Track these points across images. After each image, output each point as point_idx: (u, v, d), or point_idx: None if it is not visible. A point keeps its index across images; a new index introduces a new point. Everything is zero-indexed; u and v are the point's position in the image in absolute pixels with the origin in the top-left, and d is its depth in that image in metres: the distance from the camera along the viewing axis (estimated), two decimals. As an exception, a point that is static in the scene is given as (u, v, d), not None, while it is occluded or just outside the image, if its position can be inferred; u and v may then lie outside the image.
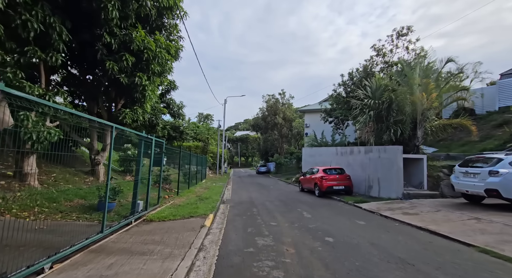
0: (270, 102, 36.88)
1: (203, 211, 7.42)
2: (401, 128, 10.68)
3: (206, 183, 17.64)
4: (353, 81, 24.94)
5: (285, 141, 38.34)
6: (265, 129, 37.34)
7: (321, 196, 11.96)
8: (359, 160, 12.54)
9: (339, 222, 6.68)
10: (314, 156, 20.02)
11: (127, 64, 7.11)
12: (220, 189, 13.97)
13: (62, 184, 7.03)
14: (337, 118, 25.88)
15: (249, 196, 12.61)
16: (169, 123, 22.75)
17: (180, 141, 23.79)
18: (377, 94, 12.23)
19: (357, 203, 9.43)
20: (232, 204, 9.96)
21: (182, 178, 15.07)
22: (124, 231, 5.00)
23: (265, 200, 11.09)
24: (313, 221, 6.75)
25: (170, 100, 12.09)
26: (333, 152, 16.02)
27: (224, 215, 7.73)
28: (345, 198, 10.71)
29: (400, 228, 6.06)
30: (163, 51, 7.85)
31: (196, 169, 16.05)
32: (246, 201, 10.80)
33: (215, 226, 6.24)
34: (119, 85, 7.94)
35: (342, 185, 11.77)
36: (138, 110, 8.43)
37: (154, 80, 8.41)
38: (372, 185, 11.23)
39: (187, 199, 9.68)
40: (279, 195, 13.02)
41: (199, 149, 26.85)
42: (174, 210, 7.36)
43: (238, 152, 79.59)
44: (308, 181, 13.53)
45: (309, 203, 10.06)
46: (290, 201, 10.61)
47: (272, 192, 14.42)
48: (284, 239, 5.10)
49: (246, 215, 7.65)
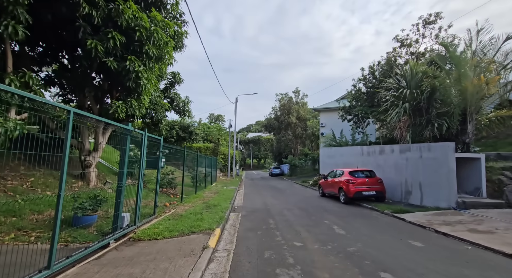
0: (283, 101, 35.27)
1: (208, 224, 5.97)
2: (447, 122, 8.79)
3: (216, 187, 16.28)
4: (374, 76, 23.02)
5: (299, 142, 36.53)
6: (278, 129, 35.71)
7: (347, 203, 10.24)
8: (391, 160, 10.71)
9: (387, 243, 5.01)
10: (333, 157, 18.21)
11: (114, 44, 5.83)
12: (230, 194, 12.54)
13: (39, 190, 5.82)
14: (357, 115, 23.91)
15: (263, 202, 11.08)
16: (178, 123, 21.72)
17: (190, 142, 22.70)
18: (413, 83, 10.38)
19: (397, 214, 7.67)
20: (244, 212, 8.48)
21: (190, 181, 13.83)
22: (94, 260, 3.61)
23: (283, 207, 9.52)
24: (350, 241, 5.12)
25: (174, 95, 10.86)
26: (357, 152, 14.20)
27: (234, 229, 6.24)
28: (379, 206, 8.95)
29: (480, 255, 4.32)
30: (160, 31, 6.53)
31: (205, 171, 14.72)
32: (260, 208, 9.28)
33: (222, 247, 4.76)
34: (109, 72, 6.69)
35: (373, 190, 9.99)
36: (133, 102, 7.15)
37: (151, 67, 7.11)
38: (411, 191, 9.39)
39: (191, 207, 8.29)
40: (298, 201, 11.40)
41: (210, 150, 25.65)
42: (173, 222, 5.96)
43: (250, 154, 78.30)
44: (331, 185, 11.83)
45: (336, 213, 8.39)
46: (312, 209, 8.98)
47: (289, 197, 12.81)
48: (319, 274, 3.54)
49: (261, 229, 6.13)
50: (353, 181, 10.14)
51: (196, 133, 21.91)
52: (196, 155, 11.84)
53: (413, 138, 10.08)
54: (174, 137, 20.82)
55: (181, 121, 12.51)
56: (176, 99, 10.95)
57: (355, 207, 9.52)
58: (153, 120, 10.30)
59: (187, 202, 9.30)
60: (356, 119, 24.51)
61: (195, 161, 11.87)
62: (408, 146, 9.65)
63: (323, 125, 34.85)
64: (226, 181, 22.16)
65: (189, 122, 22.00)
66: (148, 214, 6.39)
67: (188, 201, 9.43)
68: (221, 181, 21.55)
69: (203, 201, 9.88)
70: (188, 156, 12.22)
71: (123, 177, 4.51)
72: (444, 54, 10.83)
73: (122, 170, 4.53)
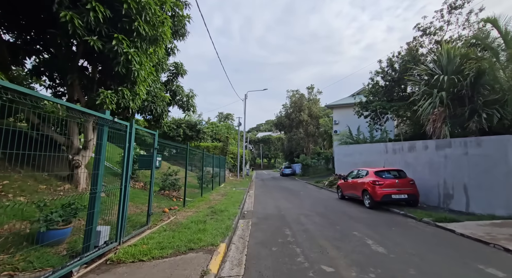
0: (294, 97, 33.90)
1: (212, 237, 4.85)
2: (499, 112, 7.29)
3: (224, 188, 15.22)
4: (393, 68, 21.37)
5: (311, 141, 35.04)
6: (289, 127, 34.35)
7: (373, 207, 8.89)
8: (425, 158, 9.26)
9: (450, 270, 3.71)
10: (351, 155, 16.77)
11: (96, 18, 4.80)
12: (240, 196, 11.42)
13: (11, 195, 4.89)
14: (374, 111, 22.28)
15: (276, 205, 9.89)
16: (184, 121, 20.88)
17: (197, 141, 21.82)
18: (451, 69, 8.89)
19: (441, 223, 6.29)
20: (255, 219, 7.32)
21: (197, 182, 12.83)
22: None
23: (299, 212, 8.29)
24: (397, 264, 3.86)
25: (177, 88, 9.83)
26: (379, 150, 12.76)
27: (244, 242, 5.09)
28: (414, 213, 7.58)
29: None
30: (152, 4, 5.47)
31: (213, 171, 13.68)
32: (273, 214, 8.09)
33: (227, 273, 3.61)
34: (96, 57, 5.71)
35: (404, 193, 8.60)
36: (126, 92, 6.12)
37: (145, 50, 6.07)
38: (453, 194, 7.94)
39: (195, 213, 7.22)
40: (315, 204, 10.13)
41: (218, 149, 24.67)
42: (168, 235, 4.87)
43: (260, 154, 77.20)
44: (352, 187, 10.48)
45: (364, 220, 7.08)
46: (334, 216, 7.71)
47: (305, 200, 11.55)
48: None
49: (276, 244, 4.95)
50: (380, 183, 8.78)
51: (204, 131, 20.97)
52: (202, 154, 10.79)
53: (452, 132, 8.61)
54: (181, 135, 19.96)
55: (186, 117, 11.42)
56: (179, 92, 9.92)
57: (384, 213, 8.17)
58: (154, 116, 9.32)
59: (191, 206, 8.24)
60: (374, 115, 22.89)
61: (201, 161, 10.82)
62: (447, 142, 8.19)
63: (337, 122, 33.22)
64: (236, 181, 21.09)
65: (196, 120, 21.10)
66: (140, 223, 5.35)
67: (191, 206, 8.37)
68: (230, 181, 20.51)
69: (209, 205, 8.80)
70: (194, 155, 11.20)
71: (97, 180, 3.45)
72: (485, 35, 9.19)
73: (97, 171, 3.47)
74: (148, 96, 7.80)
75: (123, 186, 4.20)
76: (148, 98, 7.75)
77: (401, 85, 21.22)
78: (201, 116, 21.05)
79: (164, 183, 9.44)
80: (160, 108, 8.10)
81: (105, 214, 4.66)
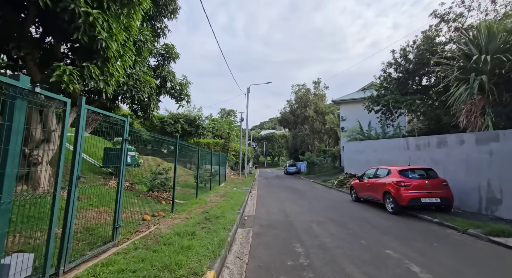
0: (299, 92, 32.39)
1: (197, 260, 3.54)
2: None
3: (224, 188, 13.93)
4: (406, 59, 19.83)
5: (316, 138, 33.56)
6: (294, 123, 32.89)
7: (397, 212, 7.51)
8: (460, 155, 7.80)
9: None
10: (363, 152, 15.31)
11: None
12: (240, 198, 10.11)
13: None
14: (386, 105, 20.75)
15: (281, 209, 8.55)
16: (182, 116, 19.61)
17: (197, 137, 20.55)
18: (493, 47, 7.39)
19: (496, 237, 4.88)
20: (257, 228, 5.99)
21: (193, 181, 11.52)
22: None
23: (310, 218, 6.94)
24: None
25: (168, 74, 8.47)
26: (398, 146, 11.29)
27: (241, 266, 3.77)
28: (452, 221, 6.19)
29: None
30: None
31: (211, 169, 12.38)
32: (279, 221, 6.76)
33: None
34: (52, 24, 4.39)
35: (436, 196, 7.18)
36: (93, 70, 4.80)
37: (116, 13, 4.73)
38: (501, 199, 6.50)
39: (183, 220, 5.91)
40: (326, 207, 8.76)
41: (219, 146, 23.37)
42: (138, 256, 3.56)
43: (264, 152, 75.92)
44: (370, 188, 9.08)
45: (392, 231, 5.70)
46: (353, 224, 6.33)
47: (314, 202, 10.17)
48: None
49: (285, 269, 3.61)
50: (407, 184, 7.36)
51: (204, 127, 19.66)
52: (198, 150, 9.48)
53: (496, 124, 7.15)
54: (179, 131, 18.68)
55: (180, 108, 9.99)
56: (170, 78, 8.56)
57: (413, 221, 6.77)
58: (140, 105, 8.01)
59: (181, 211, 6.93)
60: (385, 110, 21.39)
61: (197, 157, 9.52)
62: (493, 134, 6.72)
63: (344, 118, 31.68)
64: (237, 180, 19.79)
65: (196, 115, 19.78)
66: (103, 238, 4.03)
67: (182, 210, 7.06)
68: (232, 180, 19.21)
69: (203, 209, 7.50)
70: (189, 151, 9.90)
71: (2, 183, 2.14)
72: None
73: (3, 171, 2.16)
74: (130, 80, 6.48)
75: (71, 188, 2.88)
76: (129, 82, 6.43)
77: (416, 77, 19.65)
78: (200, 111, 19.74)
79: (153, 183, 8.16)
80: (144, 95, 6.76)
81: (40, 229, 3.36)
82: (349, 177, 15.67)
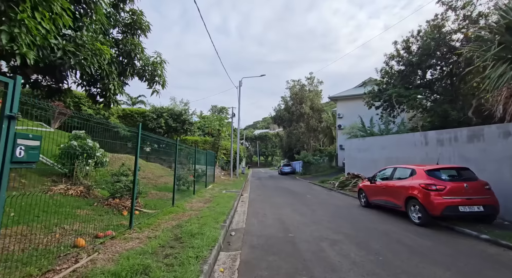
0: (294, 88, 30.80)
1: None
2: None
3: (212, 191, 12.12)
4: (409, 51, 18.58)
5: (312, 136, 32.06)
6: (289, 121, 31.28)
7: (426, 224, 5.90)
8: (502, 151, 6.26)
9: None
10: (368, 149, 13.77)
11: None
12: (228, 203, 8.34)
13: None
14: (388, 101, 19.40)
15: (279, 218, 6.83)
16: (166, 110, 17.64)
17: (183, 133, 18.60)
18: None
19: None
20: (247, 253, 4.24)
21: (182, 184, 9.63)
22: None
23: (317, 234, 5.24)
24: None
25: (134, 47, 6.61)
26: (413, 141, 9.73)
27: None
28: (508, 238, 4.58)
29: None
30: None
31: (194, 170, 10.56)
32: (277, 238, 5.03)
33: None
34: None
35: (479, 203, 5.60)
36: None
37: None
38: None
39: (141, 243, 4.10)
40: (335, 217, 7.07)
41: (209, 144, 21.46)
42: None
43: (257, 151, 74.27)
44: (385, 191, 7.46)
45: (433, 254, 4.05)
46: (376, 243, 4.66)
47: (317, 208, 8.48)
48: None
49: None
50: (439, 187, 5.76)
51: (191, 122, 17.73)
52: (176, 146, 7.66)
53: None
54: (163, 127, 16.71)
55: (154, 94, 7.95)
56: (137, 54, 6.70)
57: (451, 236, 5.16)
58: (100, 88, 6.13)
59: (144, 226, 5.10)
60: (387, 106, 20.05)
61: (175, 155, 7.70)
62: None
63: (341, 116, 30.30)
64: (228, 181, 17.98)
65: (182, 109, 17.81)
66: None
67: (147, 225, 5.23)
68: (221, 181, 17.38)
69: (177, 221, 5.71)
70: (166, 147, 8.07)
71: None
72: None
73: None
74: (67, 44, 4.58)
75: None
76: (68, 47, 4.54)
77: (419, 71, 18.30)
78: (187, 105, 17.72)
79: (114, 187, 6.29)
80: (92, 67, 4.90)
81: None
82: (352, 178, 14.10)
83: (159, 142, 7.55)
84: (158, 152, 9.36)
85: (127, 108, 18.18)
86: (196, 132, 20.42)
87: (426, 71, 18.01)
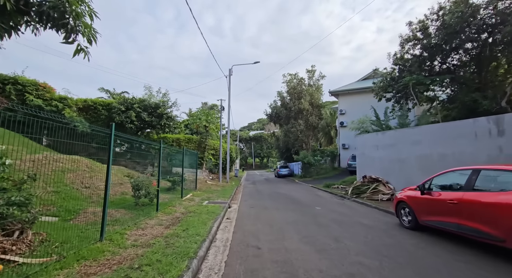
0: (292, 83, 27.95)
1: None
2: None
3: (189, 202, 9.02)
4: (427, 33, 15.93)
5: (311, 135, 29.20)
6: (287, 118, 28.37)
7: None
8: None
9: None
10: (391, 146, 10.88)
11: None
12: (204, 227, 5.30)
13: None
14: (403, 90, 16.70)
15: (284, 262, 3.76)
16: (137, 100, 14.43)
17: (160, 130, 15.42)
18: None
19: None
20: None
21: (132, 192, 6.45)
22: None
23: None
24: None
25: None
26: (474, 132, 6.83)
27: None
28: None
29: None
30: None
31: (159, 176, 7.45)
32: None
33: None
34: None
35: None
36: None
37: None
38: None
39: None
40: (371, 249, 4.04)
41: (194, 143, 18.32)
42: None
43: (252, 153, 71.27)
44: (458, 209, 4.49)
45: None
46: None
47: (339, 233, 5.45)
48: None
49: None
50: None
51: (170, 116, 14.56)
52: (111, 134, 4.58)
53: None
54: (134, 121, 13.52)
55: (76, 54, 4.89)
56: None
57: None
58: None
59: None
60: (400, 97, 17.37)
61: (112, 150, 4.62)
62: None
63: (343, 112, 27.58)
64: (215, 187, 14.84)
65: (159, 100, 14.63)
66: None
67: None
68: (207, 188, 14.23)
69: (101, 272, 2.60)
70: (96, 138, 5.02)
71: None
72: None
73: None
74: None
75: None
76: None
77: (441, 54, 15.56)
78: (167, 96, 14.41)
79: None
80: None
81: None
82: (369, 182, 11.19)
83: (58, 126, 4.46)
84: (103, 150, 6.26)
85: (89, 98, 14.93)
86: (177, 128, 17.29)
87: (449, 54, 15.32)
